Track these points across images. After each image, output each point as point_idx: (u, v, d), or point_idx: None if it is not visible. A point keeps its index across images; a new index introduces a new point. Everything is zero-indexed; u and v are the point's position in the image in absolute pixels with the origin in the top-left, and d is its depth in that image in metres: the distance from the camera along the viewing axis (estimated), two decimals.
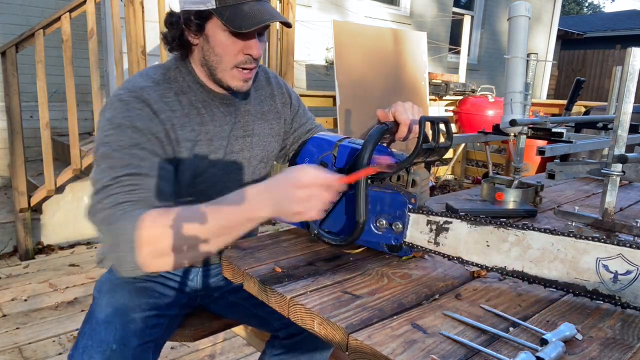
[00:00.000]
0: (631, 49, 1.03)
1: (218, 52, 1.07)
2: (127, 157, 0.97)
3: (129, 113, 1.00)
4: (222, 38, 1.06)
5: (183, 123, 1.08)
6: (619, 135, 1.07)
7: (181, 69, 1.14)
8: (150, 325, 1.08)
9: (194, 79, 1.14)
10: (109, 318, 1.02)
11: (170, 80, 1.11)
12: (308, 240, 1.08)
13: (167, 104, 1.07)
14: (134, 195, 0.94)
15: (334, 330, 0.72)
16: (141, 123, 1.00)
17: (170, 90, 1.10)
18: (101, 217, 0.93)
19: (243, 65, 1.09)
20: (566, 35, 13.52)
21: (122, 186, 0.94)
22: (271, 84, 1.31)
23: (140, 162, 0.97)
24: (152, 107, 1.03)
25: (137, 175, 0.96)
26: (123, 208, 0.92)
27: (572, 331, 0.71)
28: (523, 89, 1.35)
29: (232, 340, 2.20)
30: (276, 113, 1.30)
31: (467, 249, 0.87)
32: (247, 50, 1.07)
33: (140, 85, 1.05)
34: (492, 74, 8.61)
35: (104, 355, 0.96)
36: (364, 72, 4.42)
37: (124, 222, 0.90)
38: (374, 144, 0.92)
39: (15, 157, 2.96)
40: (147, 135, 1.00)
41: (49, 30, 2.92)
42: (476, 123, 4.95)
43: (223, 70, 1.09)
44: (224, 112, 1.17)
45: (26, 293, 2.57)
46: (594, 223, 1.20)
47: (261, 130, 1.25)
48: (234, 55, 1.07)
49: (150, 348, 1.06)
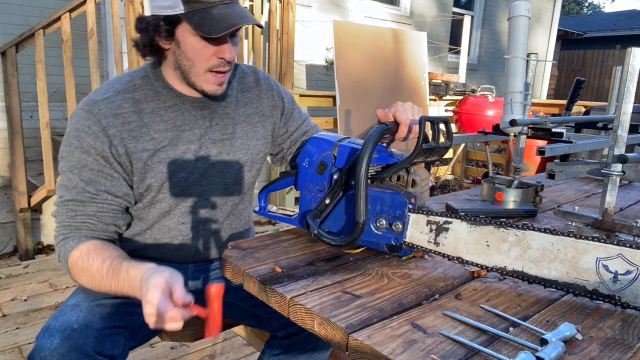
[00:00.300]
0: (631, 49, 1.03)
1: (190, 57, 1.07)
2: (76, 179, 1.07)
3: (78, 132, 1.07)
4: (193, 42, 1.05)
5: (138, 134, 1.10)
6: (619, 135, 1.07)
7: (150, 75, 1.15)
8: (122, 311, 1.09)
9: (164, 84, 1.14)
10: (77, 302, 1.06)
11: (135, 88, 1.13)
12: (308, 240, 1.08)
13: (120, 116, 1.09)
14: (75, 220, 1.07)
15: (333, 330, 0.72)
16: (87, 143, 1.06)
17: (130, 99, 1.11)
18: (55, 227, 1.10)
19: (216, 69, 1.09)
20: (566, 35, 13.53)
21: (68, 211, 1.08)
22: (260, 85, 1.30)
23: (85, 187, 1.07)
24: (101, 123, 1.07)
25: (81, 202, 1.07)
26: (64, 232, 1.07)
27: (572, 331, 0.71)
28: (523, 89, 1.35)
29: (232, 340, 2.20)
30: (262, 116, 1.29)
31: (467, 249, 0.87)
32: (220, 54, 1.07)
33: (95, 99, 1.09)
34: (492, 74, 8.61)
35: (63, 334, 0.97)
36: (364, 72, 4.42)
37: (62, 249, 1.07)
38: (374, 144, 0.92)
39: (15, 157, 2.96)
40: (93, 155, 1.07)
41: (49, 30, 2.92)
42: (476, 123, 4.95)
43: (196, 75, 1.09)
44: (197, 115, 1.17)
45: (26, 293, 2.57)
46: (594, 223, 1.20)
47: (244, 133, 1.24)
48: (206, 59, 1.07)
49: (121, 333, 1.07)
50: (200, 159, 1.18)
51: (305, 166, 1.07)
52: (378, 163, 0.99)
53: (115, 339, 1.05)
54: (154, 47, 1.10)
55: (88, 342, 0.98)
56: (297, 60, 4.74)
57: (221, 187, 1.23)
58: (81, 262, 1.03)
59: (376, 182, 0.99)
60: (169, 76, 1.14)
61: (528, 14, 1.32)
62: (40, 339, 0.98)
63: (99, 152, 1.07)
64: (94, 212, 1.08)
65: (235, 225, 1.31)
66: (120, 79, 1.15)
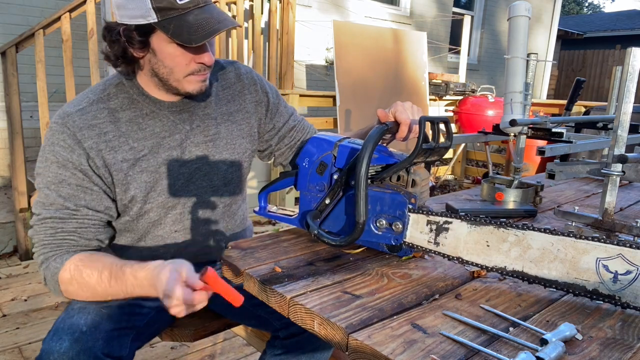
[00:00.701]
0: (631, 49, 1.03)
1: (168, 65, 1.04)
2: (54, 195, 1.04)
3: (53, 147, 1.04)
4: (170, 50, 1.02)
5: (116, 145, 1.08)
6: (619, 135, 1.07)
7: (124, 82, 1.11)
8: (129, 312, 1.09)
9: (139, 91, 1.11)
10: (84, 304, 1.04)
11: (110, 97, 1.09)
12: (308, 240, 1.08)
13: (96, 127, 1.06)
14: (57, 237, 1.04)
15: (334, 330, 0.72)
16: (63, 157, 1.04)
17: (105, 109, 1.08)
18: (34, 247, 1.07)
19: (197, 74, 1.06)
20: (566, 35, 13.52)
21: (47, 228, 1.04)
22: (242, 80, 1.26)
23: (64, 202, 1.04)
24: (76, 136, 1.04)
25: (60, 220, 1.04)
26: (45, 252, 1.04)
27: (572, 331, 0.71)
28: (523, 89, 1.35)
29: (232, 340, 2.20)
30: (245, 113, 1.26)
31: (467, 249, 0.87)
32: (199, 60, 1.04)
33: (68, 112, 1.06)
34: (492, 74, 8.61)
35: (72, 337, 0.96)
36: (364, 72, 4.42)
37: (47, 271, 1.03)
38: (374, 144, 0.92)
39: (15, 157, 2.96)
40: (71, 169, 1.04)
41: (49, 30, 2.92)
42: (476, 123, 4.95)
43: (176, 80, 1.06)
44: (175, 120, 1.14)
45: (26, 293, 2.57)
46: (594, 223, 1.20)
47: (228, 132, 1.22)
48: (185, 65, 1.04)
49: (128, 335, 1.07)
50: (184, 164, 1.15)
51: (305, 166, 1.07)
52: (378, 163, 0.99)
53: (123, 341, 1.05)
54: (127, 57, 1.05)
55: (97, 344, 0.97)
56: (297, 60, 4.74)
57: (210, 190, 1.21)
58: (76, 281, 1.01)
59: (376, 182, 0.99)
60: (144, 83, 1.10)
61: (528, 14, 1.32)
62: (48, 342, 0.97)
63: (76, 165, 1.04)
64: (74, 229, 1.05)
65: (230, 226, 1.30)
66: (93, 88, 1.12)
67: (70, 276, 1.01)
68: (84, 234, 1.06)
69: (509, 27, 1.35)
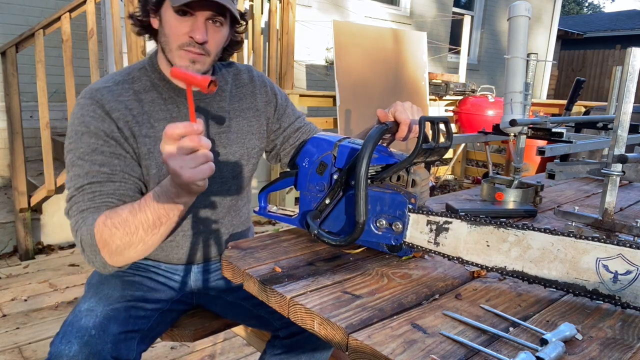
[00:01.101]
0: (631, 49, 1.03)
1: (167, 33, 1.09)
2: (88, 164, 1.04)
3: (83, 118, 1.06)
4: (170, 18, 1.08)
5: (140, 120, 1.11)
6: (619, 135, 1.07)
7: (147, 67, 1.17)
8: (135, 315, 1.08)
9: (160, 76, 1.16)
10: (91, 306, 1.04)
11: (134, 79, 1.15)
12: (308, 240, 1.08)
13: (122, 102, 1.10)
14: (95, 202, 1.02)
15: (333, 330, 0.72)
16: (95, 125, 1.06)
17: (130, 89, 1.13)
18: (70, 224, 1.04)
19: (186, 48, 1.09)
20: (566, 35, 13.52)
21: (85, 194, 1.03)
22: (254, 82, 1.32)
23: (99, 168, 1.04)
24: (104, 107, 1.08)
25: (98, 183, 1.03)
26: (84, 216, 1.01)
27: (572, 331, 0.71)
28: (523, 89, 1.35)
29: (232, 340, 2.20)
30: (256, 111, 1.30)
31: (467, 249, 0.87)
32: (191, 33, 1.07)
33: (96, 87, 1.10)
34: (492, 74, 8.61)
35: (81, 341, 0.96)
36: (364, 72, 4.42)
37: (84, 229, 0.99)
38: (373, 144, 0.92)
39: (15, 157, 2.96)
40: (103, 137, 1.06)
41: (49, 30, 2.92)
42: (476, 123, 4.95)
43: (170, 51, 1.10)
44: None
45: (26, 293, 2.57)
46: (594, 223, 1.20)
47: (239, 127, 1.26)
48: (178, 35, 1.08)
49: (134, 337, 1.07)
50: None
51: (305, 166, 1.07)
52: (378, 163, 0.99)
53: (130, 344, 1.04)
54: (145, 25, 1.14)
55: (106, 347, 0.97)
56: (297, 60, 4.74)
57: (219, 181, 1.23)
58: (110, 220, 0.97)
59: (376, 182, 0.99)
60: (163, 67, 1.16)
61: (528, 14, 1.32)
62: (57, 345, 0.97)
63: (107, 133, 1.06)
64: (113, 190, 1.05)
65: (235, 223, 1.31)
66: (118, 72, 1.17)
67: (105, 217, 0.98)
68: (123, 197, 1.06)
69: (509, 27, 1.35)
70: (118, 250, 0.98)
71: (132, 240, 0.98)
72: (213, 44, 1.10)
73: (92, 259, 1.01)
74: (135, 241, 0.98)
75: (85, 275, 2.82)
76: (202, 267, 1.30)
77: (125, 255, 1.00)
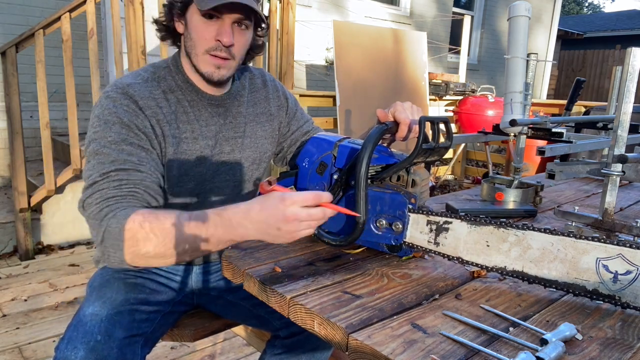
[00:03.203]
0: (631, 49, 1.03)
1: (193, 37, 1.10)
2: (115, 152, 1.01)
3: (115, 109, 1.04)
4: (196, 22, 1.08)
5: (169, 120, 1.11)
6: (619, 135, 1.07)
7: (171, 67, 1.16)
8: (139, 319, 1.08)
9: (184, 77, 1.16)
10: (95, 311, 1.02)
11: (159, 78, 1.14)
12: (308, 240, 1.08)
13: (154, 99, 1.10)
14: (122, 190, 0.98)
15: (333, 330, 0.72)
16: (128, 118, 1.04)
17: (158, 88, 1.13)
18: (90, 211, 0.97)
19: (213, 52, 1.09)
20: (566, 35, 13.52)
21: (111, 181, 0.98)
22: (267, 86, 1.33)
23: (127, 157, 1.01)
24: (138, 103, 1.07)
25: (125, 171, 1.00)
26: (109, 204, 0.96)
27: (572, 331, 0.71)
28: (523, 89, 1.35)
29: (232, 340, 2.20)
30: (269, 115, 1.31)
31: (467, 249, 0.87)
32: (218, 36, 1.08)
33: (127, 82, 1.09)
34: (492, 74, 8.61)
35: (87, 346, 0.95)
36: (364, 72, 4.42)
37: (112, 220, 0.94)
38: (373, 144, 0.92)
39: (15, 157, 2.96)
40: (134, 130, 1.04)
41: (49, 30, 2.92)
42: (476, 123, 4.95)
43: (196, 55, 1.11)
44: (212, 112, 1.19)
45: (26, 293, 2.57)
46: (594, 223, 1.20)
47: (253, 132, 1.26)
48: (205, 39, 1.08)
49: (138, 342, 1.06)
50: (215, 155, 1.19)
51: (305, 166, 1.07)
52: (378, 163, 0.99)
53: (134, 348, 1.04)
54: (170, 29, 1.14)
55: (112, 353, 0.97)
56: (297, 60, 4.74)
57: (231, 185, 1.24)
58: (148, 224, 0.91)
59: (376, 182, 0.99)
60: (186, 69, 1.16)
61: (528, 14, 1.32)
62: (62, 351, 0.96)
63: (140, 128, 1.05)
64: (140, 180, 1.00)
65: None
66: (142, 70, 1.16)
67: (142, 219, 0.92)
68: (148, 189, 1.02)
69: (509, 27, 1.35)
70: (146, 256, 0.93)
71: (166, 252, 0.92)
72: (238, 47, 1.11)
73: (110, 252, 0.95)
74: (168, 254, 0.93)
75: (85, 275, 2.82)
76: (202, 268, 1.30)
77: (149, 262, 0.95)
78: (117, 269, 1.17)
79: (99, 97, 1.08)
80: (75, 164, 3.05)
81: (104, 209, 0.96)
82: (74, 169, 3.07)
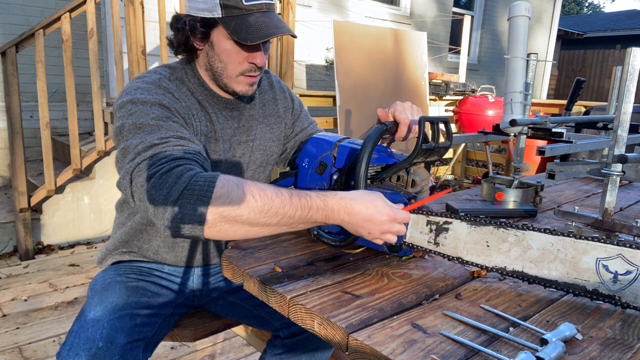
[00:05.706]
0: (631, 49, 1.03)
1: (223, 60, 1.09)
2: (164, 124, 0.97)
3: (151, 96, 1.02)
4: (226, 46, 1.07)
5: (194, 115, 1.11)
6: (619, 135, 1.07)
7: (187, 70, 1.16)
8: (140, 323, 1.08)
9: (199, 81, 1.16)
10: (97, 316, 1.01)
11: (179, 79, 1.14)
12: (308, 240, 1.08)
13: (184, 93, 1.11)
14: (187, 154, 0.91)
15: (334, 330, 0.72)
16: (167, 102, 1.03)
17: (183, 86, 1.13)
18: (152, 172, 0.88)
19: (248, 74, 1.11)
20: (566, 35, 13.52)
21: (173, 146, 0.92)
22: (274, 88, 1.33)
23: (179, 129, 0.98)
24: (174, 95, 1.07)
25: (183, 139, 0.95)
26: (180, 164, 0.88)
27: (572, 331, 0.71)
28: (523, 89, 1.35)
29: (232, 340, 2.20)
30: (277, 117, 1.31)
31: (467, 249, 0.87)
32: (252, 60, 1.09)
33: (156, 77, 1.09)
34: (492, 74, 8.61)
35: (89, 353, 0.95)
36: (364, 72, 4.42)
37: (196, 177, 0.85)
38: (373, 144, 0.92)
39: (15, 157, 2.96)
40: (175, 113, 1.03)
41: (49, 30, 2.92)
42: (476, 123, 4.95)
43: (228, 77, 1.11)
44: (227, 116, 1.19)
45: (26, 293, 2.57)
46: (594, 223, 1.20)
47: (262, 134, 1.26)
48: (238, 63, 1.09)
49: (139, 346, 1.06)
50: (228, 158, 1.20)
51: (305, 166, 1.07)
52: (378, 163, 0.99)
53: (136, 353, 1.04)
54: (187, 46, 1.11)
55: (114, 359, 0.97)
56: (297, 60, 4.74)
57: None
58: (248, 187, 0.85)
59: (376, 183, 0.99)
60: (203, 75, 1.16)
61: (528, 14, 1.32)
62: (64, 357, 0.96)
63: (180, 113, 1.04)
64: (199, 150, 0.96)
65: None
66: (161, 68, 1.15)
67: (237, 180, 0.86)
68: (206, 161, 0.97)
69: (509, 27, 1.35)
70: (235, 219, 0.84)
71: (259, 221, 0.84)
72: (265, 61, 1.12)
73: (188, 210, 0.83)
74: (260, 223, 0.85)
75: (85, 276, 2.82)
76: (202, 270, 1.30)
77: (231, 228, 0.85)
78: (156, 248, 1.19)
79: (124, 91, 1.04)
80: (75, 164, 3.05)
81: (176, 168, 0.87)
82: (74, 169, 3.07)
